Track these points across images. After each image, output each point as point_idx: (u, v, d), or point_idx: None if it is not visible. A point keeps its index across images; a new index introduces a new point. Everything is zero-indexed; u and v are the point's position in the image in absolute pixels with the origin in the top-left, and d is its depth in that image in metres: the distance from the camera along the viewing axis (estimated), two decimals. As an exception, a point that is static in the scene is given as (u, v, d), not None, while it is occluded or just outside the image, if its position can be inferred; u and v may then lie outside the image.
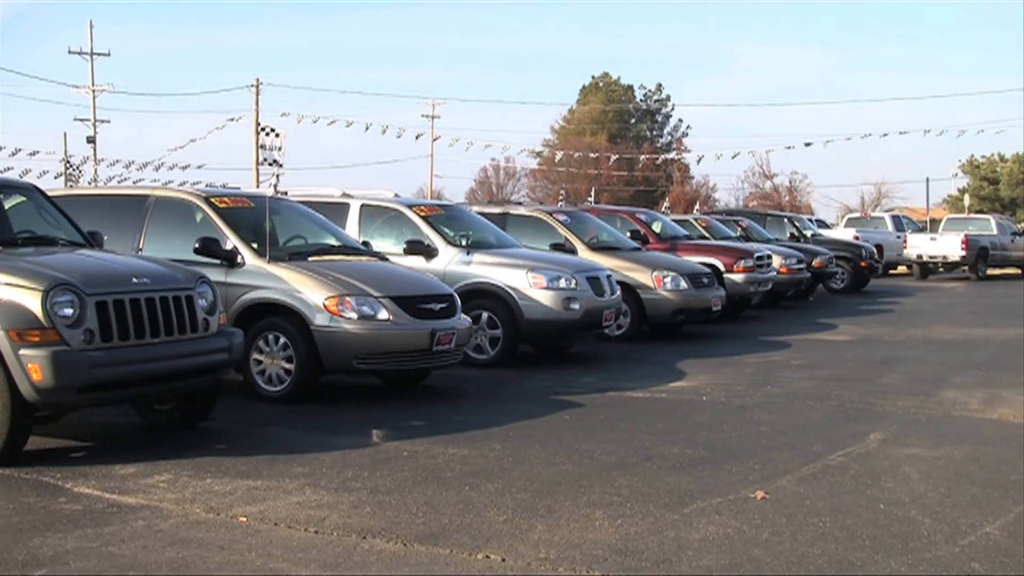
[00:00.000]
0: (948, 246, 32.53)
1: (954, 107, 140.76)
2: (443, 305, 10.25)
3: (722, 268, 18.15)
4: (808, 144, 51.31)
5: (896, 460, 7.45)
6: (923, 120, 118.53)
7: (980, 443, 8.13)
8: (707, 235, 21.67)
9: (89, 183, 44.18)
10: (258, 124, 40.43)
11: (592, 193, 27.60)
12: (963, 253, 32.14)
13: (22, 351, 6.79)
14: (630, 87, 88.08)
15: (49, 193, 9.64)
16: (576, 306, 12.46)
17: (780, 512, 6.07)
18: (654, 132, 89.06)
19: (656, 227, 19.54)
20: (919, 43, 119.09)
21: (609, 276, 13.60)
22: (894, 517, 5.99)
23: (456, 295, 10.76)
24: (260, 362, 9.78)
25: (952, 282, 32.43)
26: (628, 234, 17.59)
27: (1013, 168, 73.32)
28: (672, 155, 75.03)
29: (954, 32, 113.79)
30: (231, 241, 10.06)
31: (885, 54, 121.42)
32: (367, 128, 51.64)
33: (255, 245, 10.10)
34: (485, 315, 12.30)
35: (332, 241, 11.20)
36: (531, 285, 12.39)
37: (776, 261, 20.58)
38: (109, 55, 50.93)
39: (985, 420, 9.15)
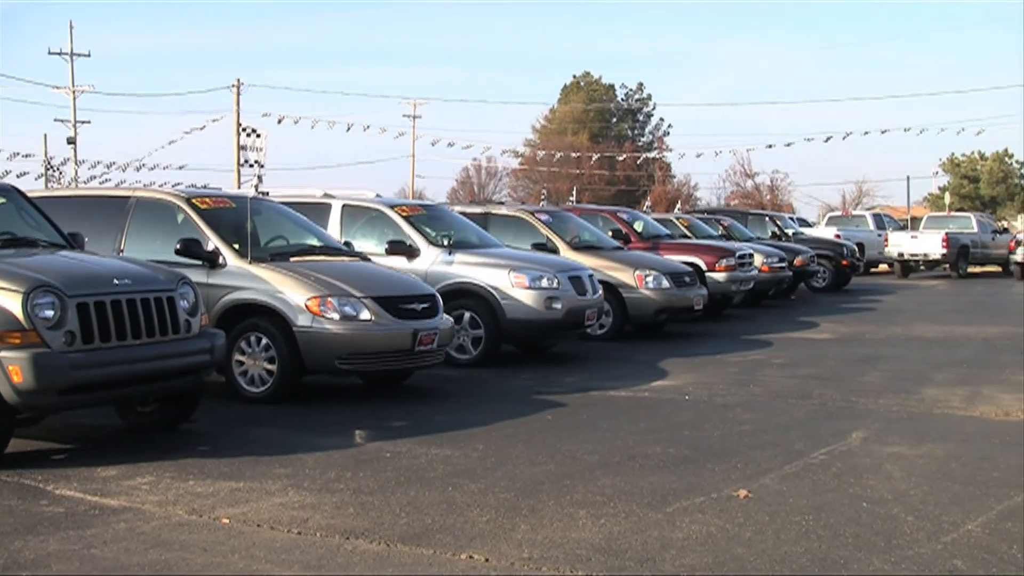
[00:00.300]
0: (929, 244, 32.67)
1: (935, 106, 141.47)
2: (425, 305, 10.24)
3: (704, 267, 18.19)
4: (789, 143, 51.65)
5: (878, 458, 7.47)
6: (904, 119, 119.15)
7: (961, 441, 8.16)
8: (689, 234, 21.70)
9: (69, 184, 44.04)
10: (239, 125, 40.30)
11: (574, 192, 27.56)
12: (944, 251, 32.28)
13: (2, 353, 6.76)
14: (611, 86, 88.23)
15: (29, 194, 9.59)
16: (558, 305, 12.47)
17: (763, 511, 6.08)
18: (635, 131, 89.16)
19: (638, 226, 19.56)
20: (900, 43, 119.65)
21: (591, 275, 13.61)
22: (876, 515, 6.01)
23: (438, 295, 10.76)
24: (242, 363, 9.76)
25: (933, 280, 32.57)
26: (610, 233, 17.60)
27: (993, 166, 73.73)
28: (653, 154, 75.13)
29: (934, 32, 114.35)
30: (212, 242, 10.04)
31: (866, 54, 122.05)
32: (348, 128, 51.24)
33: (237, 246, 10.08)
34: (467, 315, 12.30)
35: (314, 241, 11.18)
36: (513, 285, 12.39)
37: (758, 260, 20.63)
38: (89, 56, 50.75)
39: (967, 418, 9.18)
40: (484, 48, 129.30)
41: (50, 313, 6.96)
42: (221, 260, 9.94)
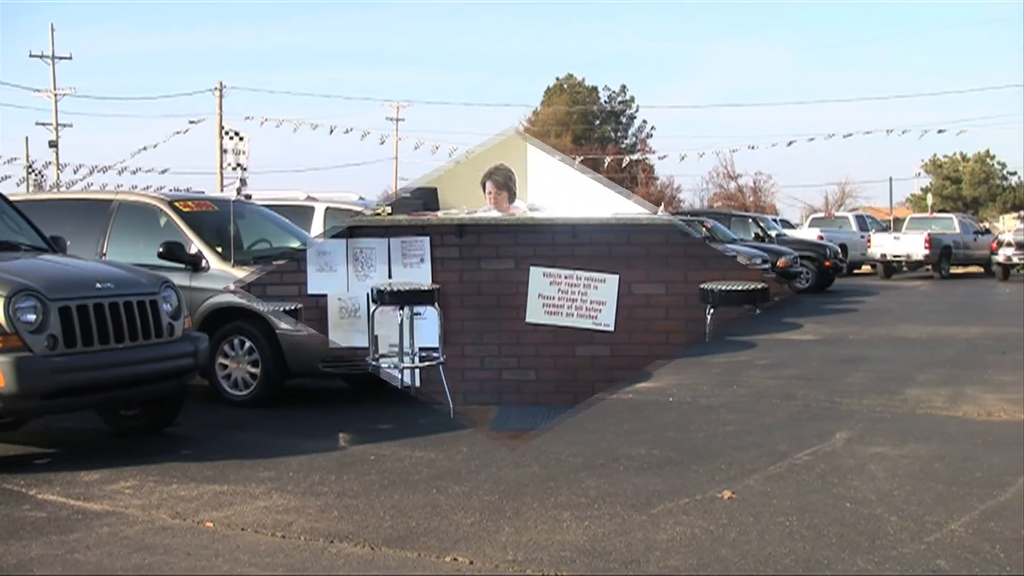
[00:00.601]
0: (912, 245, 32.78)
1: (917, 107, 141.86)
2: (410, 308, 10.20)
3: (688, 269, 18.16)
4: (773, 144, 51.76)
5: (862, 458, 7.49)
6: (886, 120, 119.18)
7: (945, 441, 8.18)
8: (672, 236, 21.68)
9: (51, 187, 43.86)
10: (222, 127, 40.21)
11: (558, 195, 27.55)
12: (926, 252, 32.40)
13: (-16, 357, 6.73)
14: (594, 89, 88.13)
15: (11, 198, 9.56)
16: (543, 308, 12.44)
17: (747, 511, 6.09)
18: (619, 134, 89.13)
19: (622, 228, 19.53)
20: (883, 44, 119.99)
21: (575, 277, 13.57)
22: (860, 515, 6.02)
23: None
24: (225, 366, 9.73)
25: (916, 281, 32.67)
26: (594, 235, 17.58)
27: (975, 167, 74.04)
28: (636, 156, 75.15)
29: (917, 33, 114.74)
30: (195, 245, 10.01)
31: (849, 55, 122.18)
32: (331, 131, 51.11)
33: (219, 249, 10.05)
34: (452, 317, 12.26)
35: (297, 244, 11.15)
36: (498, 287, 12.34)
37: (740, 261, 20.64)
38: (71, 59, 50.61)
39: (950, 418, 9.21)
40: (467, 50, 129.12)
41: (32, 317, 6.93)
42: (204, 263, 9.92)
